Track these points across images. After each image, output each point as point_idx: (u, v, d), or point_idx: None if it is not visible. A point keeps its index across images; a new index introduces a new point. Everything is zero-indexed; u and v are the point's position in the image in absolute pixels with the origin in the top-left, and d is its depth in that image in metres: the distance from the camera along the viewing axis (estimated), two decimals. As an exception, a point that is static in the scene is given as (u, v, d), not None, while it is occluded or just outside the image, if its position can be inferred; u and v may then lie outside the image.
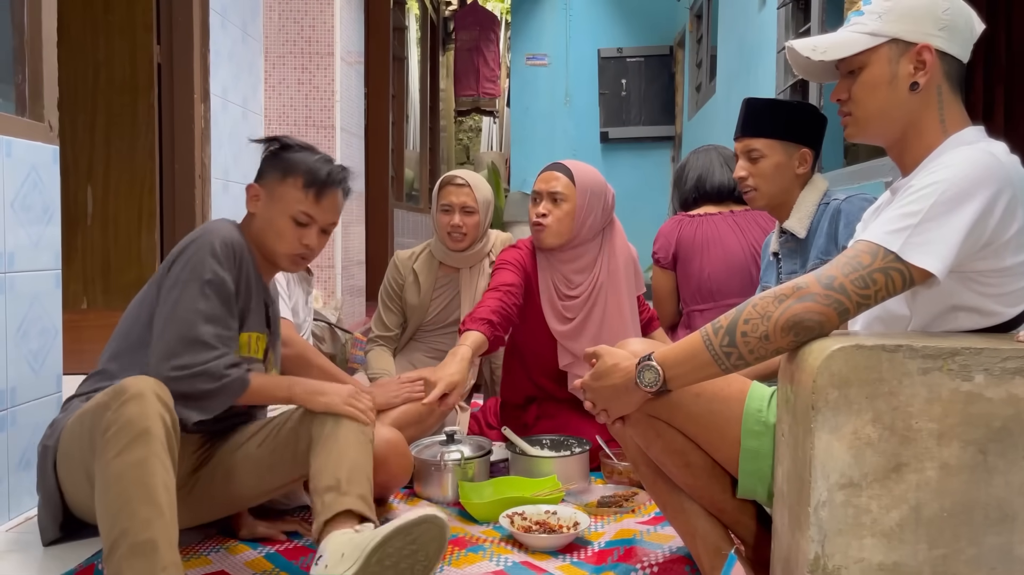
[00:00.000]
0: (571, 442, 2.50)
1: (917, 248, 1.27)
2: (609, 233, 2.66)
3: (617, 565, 1.85)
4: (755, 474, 1.53)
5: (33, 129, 2.09)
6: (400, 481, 2.18)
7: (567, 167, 2.61)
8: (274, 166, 1.90)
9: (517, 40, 9.24)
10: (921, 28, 1.40)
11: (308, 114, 4.19)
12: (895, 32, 1.41)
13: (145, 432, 1.46)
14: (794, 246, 2.23)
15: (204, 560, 1.85)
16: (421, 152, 8.00)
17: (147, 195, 3.10)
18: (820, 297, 1.29)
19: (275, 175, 1.89)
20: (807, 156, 2.21)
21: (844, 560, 1.26)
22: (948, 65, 1.41)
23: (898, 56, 1.41)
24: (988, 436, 1.24)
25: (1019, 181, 1.34)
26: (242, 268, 1.83)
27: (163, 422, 1.50)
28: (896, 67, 1.41)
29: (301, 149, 1.92)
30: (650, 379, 1.46)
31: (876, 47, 1.43)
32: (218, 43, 3.44)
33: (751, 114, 2.25)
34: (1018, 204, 1.32)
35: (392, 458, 2.06)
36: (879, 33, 1.42)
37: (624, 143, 8.94)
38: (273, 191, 1.89)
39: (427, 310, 3.03)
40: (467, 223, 2.92)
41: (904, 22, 1.41)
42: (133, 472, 1.44)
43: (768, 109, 2.25)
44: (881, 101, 1.44)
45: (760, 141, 2.20)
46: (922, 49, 1.39)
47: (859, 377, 1.25)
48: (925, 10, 1.40)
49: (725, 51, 5.96)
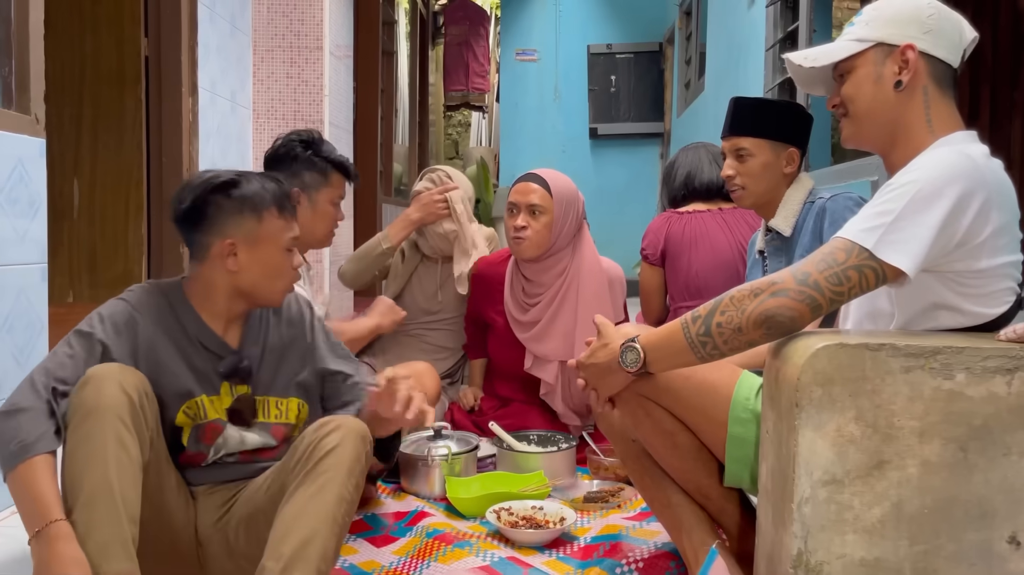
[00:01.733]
0: (558, 438, 2.51)
1: (890, 246, 1.29)
2: (579, 240, 2.70)
3: (602, 560, 1.86)
4: (741, 461, 1.56)
5: (19, 122, 2.08)
6: (432, 397, 2.48)
7: (543, 178, 2.63)
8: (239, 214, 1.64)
9: (507, 35, 9.23)
10: (905, 31, 1.45)
11: (297, 108, 4.17)
12: (880, 36, 1.47)
13: (95, 409, 1.41)
14: (780, 244, 2.24)
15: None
16: (410, 147, 7.98)
17: (134, 189, 3.08)
18: (794, 293, 1.31)
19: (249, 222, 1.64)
20: (794, 155, 2.22)
21: (827, 556, 1.27)
22: (934, 67, 1.44)
23: (883, 58, 1.46)
24: (969, 434, 1.25)
25: (996, 184, 1.35)
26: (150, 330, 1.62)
27: (123, 398, 1.43)
28: (882, 68, 1.46)
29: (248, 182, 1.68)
30: (631, 360, 1.51)
31: (863, 51, 1.48)
32: (206, 36, 3.42)
33: (739, 113, 2.26)
34: (992, 207, 1.33)
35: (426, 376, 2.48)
36: (865, 38, 1.48)
37: (613, 139, 8.94)
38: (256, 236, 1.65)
39: (402, 288, 3.03)
40: None
41: (889, 27, 1.46)
42: (81, 448, 1.40)
43: (756, 108, 2.27)
44: (868, 99, 1.48)
45: (748, 140, 2.22)
46: (905, 49, 1.43)
47: (842, 375, 1.26)
48: (910, 15, 1.45)
49: (714, 48, 5.98)
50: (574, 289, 2.65)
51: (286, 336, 1.77)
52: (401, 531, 2.07)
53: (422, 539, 1.98)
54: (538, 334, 2.65)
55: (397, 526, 2.11)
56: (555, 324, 2.64)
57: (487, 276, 2.81)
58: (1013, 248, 1.39)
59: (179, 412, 1.62)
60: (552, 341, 2.64)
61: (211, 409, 1.65)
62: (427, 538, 1.98)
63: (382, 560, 1.90)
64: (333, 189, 2.43)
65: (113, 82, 3.07)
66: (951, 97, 1.46)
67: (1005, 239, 1.37)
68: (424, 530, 2.03)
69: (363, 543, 2.00)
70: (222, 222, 1.62)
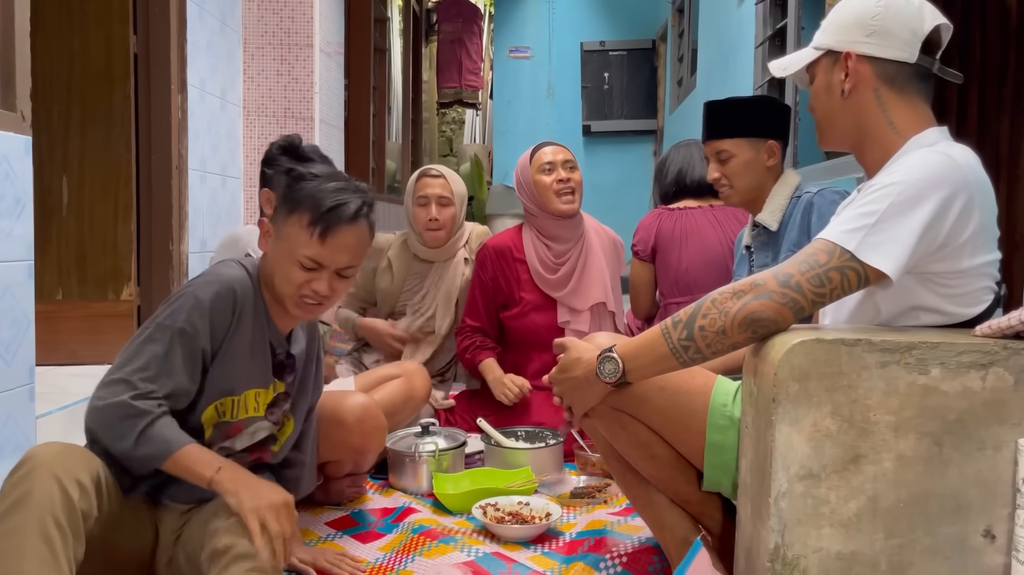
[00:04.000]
0: (546, 434, 2.52)
1: (873, 248, 1.30)
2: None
3: (587, 555, 1.87)
4: (720, 467, 1.55)
5: (5, 119, 2.07)
6: (373, 444, 2.16)
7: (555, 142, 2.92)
8: (284, 199, 1.66)
9: (500, 32, 9.23)
10: (848, 37, 1.46)
11: (287, 105, 4.17)
12: (828, 43, 1.49)
13: (25, 497, 1.30)
14: (766, 239, 2.25)
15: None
16: (403, 144, 7.97)
17: (123, 186, 3.07)
18: (776, 295, 1.32)
19: (283, 210, 1.65)
20: (775, 148, 2.23)
21: (803, 550, 1.28)
22: (882, 69, 1.44)
23: (831, 66, 1.49)
24: (943, 428, 1.26)
25: (976, 184, 1.36)
26: (241, 321, 1.63)
27: (56, 488, 1.32)
28: (831, 76, 1.49)
29: (314, 177, 1.67)
30: (610, 370, 1.49)
31: (817, 59, 1.51)
32: (196, 33, 3.42)
33: (713, 117, 2.28)
34: (974, 206, 1.34)
35: (367, 421, 2.10)
36: (819, 46, 1.51)
37: (606, 136, 8.95)
38: (280, 229, 1.65)
39: (397, 298, 3.04)
40: (443, 215, 2.94)
41: (836, 33, 1.48)
42: (3, 543, 1.29)
43: (728, 109, 2.28)
44: (824, 108, 1.52)
45: (726, 142, 2.23)
46: (845, 57, 1.45)
47: (819, 370, 1.27)
48: (854, 19, 1.46)
49: (705, 46, 5.98)
50: (591, 239, 2.91)
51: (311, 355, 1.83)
52: (388, 527, 2.08)
53: (407, 535, 1.98)
54: (575, 285, 2.84)
55: (384, 522, 2.11)
56: (588, 270, 2.85)
57: (503, 250, 2.89)
58: (991, 247, 1.40)
59: (210, 407, 1.64)
60: (591, 287, 2.85)
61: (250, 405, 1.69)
62: (412, 534, 1.99)
63: (368, 556, 1.91)
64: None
65: (102, 79, 3.05)
66: (914, 92, 1.45)
67: (984, 238, 1.37)
68: (410, 526, 2.04)
69: (349, 540, 2.01)
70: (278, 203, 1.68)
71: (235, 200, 3.93)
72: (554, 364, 1.62)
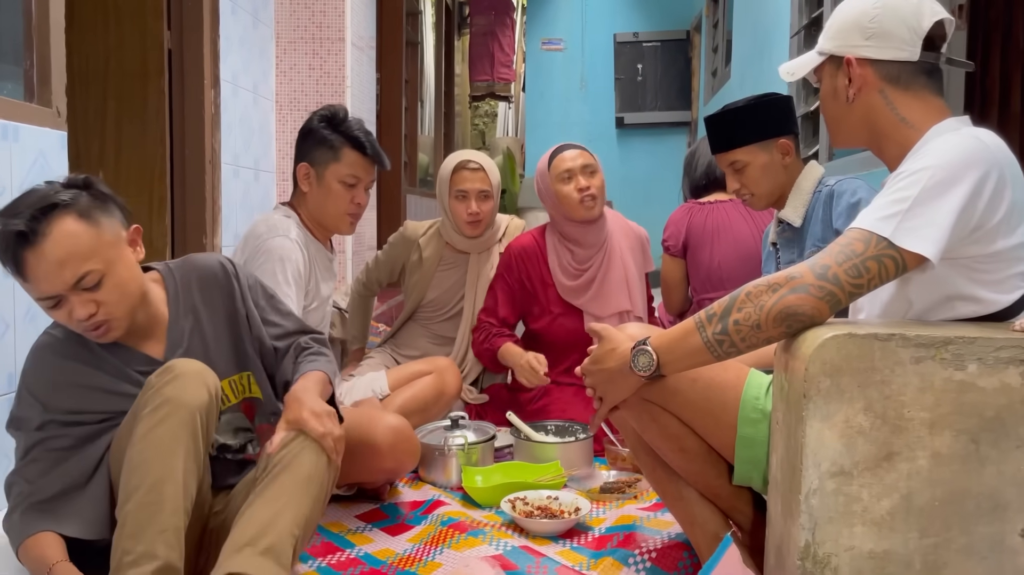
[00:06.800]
0: (575, 428, 2.51)
1: (909, 233, 1.27)
2: None
3: (616, 550, 1.85)
4: (751, 461, 1.53)
5: (40, 115, 2.10)
6: (406, 467, 2.15)
7: (577, 144, 2.82)
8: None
9: (532, 25, 9.20)
10: (848, 41, 1.46)
11: (319, 100, 4.18)
12: (830, 48, 1.49)
13: (179, 407, 1.46)
14: (791, 235, 2.22)
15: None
16: (435, 137, 7.99)
17: (158, 181, 3.10)
18: (814, 288, 1.29)
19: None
20: (787, 145, 2.19)
21: (834, 548, 1.26)
22: (886, 70, 1.44)
23: (835, 71, 1.49)
24: (981, 425, 1.23)
25: (1006, 162, 1.34)
26: None
27: (205, 392, 1.50)
28: (835, 81, 1.49)
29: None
30: (644, 363, 1.47)
31: (821, 64, 1.52)
32: (228, 29, 3.44)
33: (716, 130, 2.25)
34: (1005, 185, 1.32)
35: (399, 445, 2.05)
36: (822, 51, 1.51)
37: (640, 128, 8.89)
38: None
39: (427, 289, 2.98)
40: (484, 209, 2.85)
41: (836, 38, 1.48)
42: (156, 440, 1.44)
43: (729, 118, 2.23)
44: (832, 112, 1.52)
45: (736, 152, 2.20)
46: (847, 62, 1.45)
47: (851, 366, 1.25)
48: (852, 23, 1.45)
49: (740, 36, 5.91)
50: (614, 242, 2.82)
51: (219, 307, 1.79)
52: (417, 520, 2.09)
53: (436, 527, 1.99)
54: (596, 292, 2.76)
55: (413, 515, 2.12)
56: (610, 278, 2.77)
57: (528, 253, 2.82)
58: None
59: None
60: (611, 294, 2.77)
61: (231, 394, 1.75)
62: (441, 526, 1.99)
63: (396, 548, 1.91)
64: (343, 166, 2.33)
65: (136, 75, 3.08)
66: (921, 87, 1.44)
67: (1018, 216, 1.35)
68: (439, 518, 2.04)
69: (379, 532, 2.02)
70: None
71: (268, 194, 3.96)
72: None
